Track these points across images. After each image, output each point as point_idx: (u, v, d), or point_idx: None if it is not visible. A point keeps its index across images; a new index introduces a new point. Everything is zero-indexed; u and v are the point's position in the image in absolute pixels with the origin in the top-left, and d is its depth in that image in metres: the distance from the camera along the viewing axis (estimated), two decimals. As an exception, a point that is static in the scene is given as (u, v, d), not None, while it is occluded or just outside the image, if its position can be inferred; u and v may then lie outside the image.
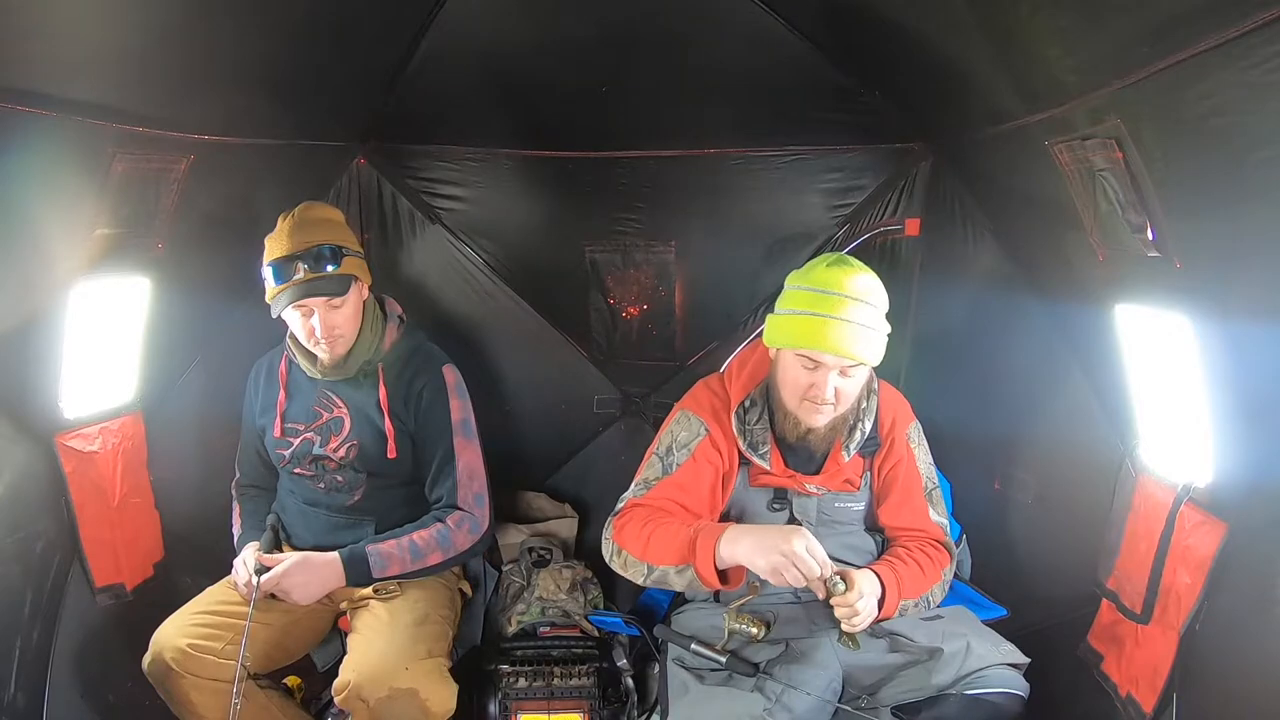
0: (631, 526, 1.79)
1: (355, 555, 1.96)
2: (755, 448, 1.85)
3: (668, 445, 1.91)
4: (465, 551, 2.05)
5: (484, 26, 2.15)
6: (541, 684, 2.24)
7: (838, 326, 1.67)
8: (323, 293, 1.92)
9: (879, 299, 1.74)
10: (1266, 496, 1.35)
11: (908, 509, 1.90)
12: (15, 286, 1.66)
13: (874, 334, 1.71)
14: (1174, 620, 1.53)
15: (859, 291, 1.70)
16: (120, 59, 1.52)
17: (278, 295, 1.94)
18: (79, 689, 1.94)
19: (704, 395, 1.95)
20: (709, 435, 1.87)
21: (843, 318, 1.68)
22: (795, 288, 1.77)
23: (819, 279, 1.73)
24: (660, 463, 1.89)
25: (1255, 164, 1.09)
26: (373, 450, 2.05)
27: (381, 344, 2.08)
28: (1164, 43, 1.10)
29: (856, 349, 1.68)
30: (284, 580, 1.90)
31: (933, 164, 2.49)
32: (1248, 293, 1.26)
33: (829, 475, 1.86)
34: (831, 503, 1.88)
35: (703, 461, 1.86)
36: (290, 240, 1.93)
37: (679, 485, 1.84)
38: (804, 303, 1.73)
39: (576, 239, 2.72)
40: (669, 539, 1.71)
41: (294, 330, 2.02)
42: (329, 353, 2.01)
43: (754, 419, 1.86)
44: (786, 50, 2.14)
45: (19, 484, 1.80)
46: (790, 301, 1.77)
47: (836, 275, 1.72)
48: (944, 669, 1.63)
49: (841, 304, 1.68)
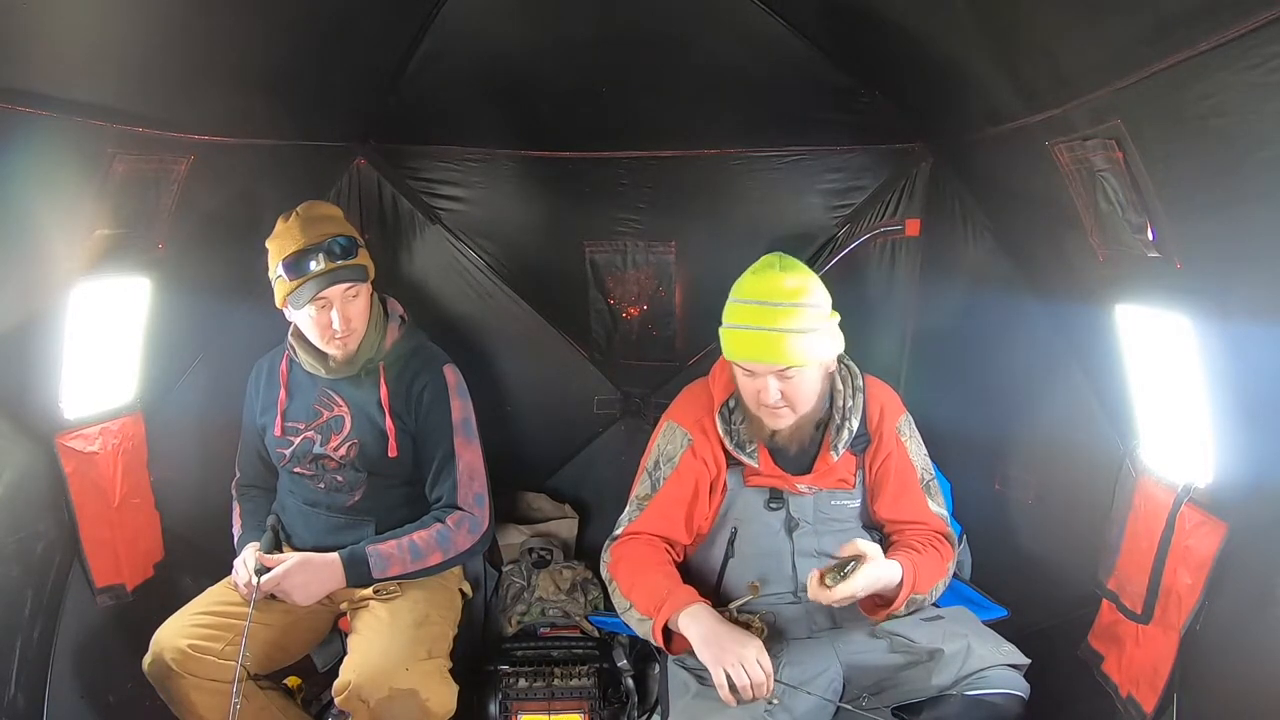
0: (625, 565, 1.84)
1: (355, 556, 1.96)
2: (742, 447, 1.86)
3: (655, 459, 1.92)
4: (465, 552, 2.05)
5: (484, 26, 2.15)
6: (542, 684, 2.24)
7: (761, 338, 1.71)
8: (346, 279, 1.94)
9: (809, 297, 1.74)
10: (1267, 497, 1.35)
11: (905, 501, 1.90)
12: (15, 287, 1.66)
13: (802, 336, 1.71)
14: (1174, 620, 1.53)
15: (783, 295, 1.72)
16: (120, 59, 1.52)
17: (297, 290, 1.93)
18: (79, 689, 1.94)
19: (687, 402, 1.96)
20: (692, 445, 1.88)
21: (765, 328, 1.70)
22: (731, 301, 1.80)
23: (745, 289, 1.78)
24: (649, 479, 1.92)
25: (1255, 164, 1.09)
26: (373, 449, 2.05)
27: (383, 343, 2.08)
28: (1164, 43, 1.10)
29: (783, 356, 1.70)
30: (284, 581, 1.90)
31: (933, 164, 2.49)
32: (1248, 293, 1.26)
33: (820, 474, 1.87)
34: (828, 500, 1.88)
35: (686, 475, 1.87)
36: (303, 235, 1.93)
37: (667, 504, 1.87)
38: (734, 315, 1.77)
39: (576, 239, 2.72)
40: (649, 589, 1.76)
41: (305, 329, 2.01)
42: (343, 348, 2.01)
43: (739, 419, 1.87)
44: (786, 50, 2.14)
45: (19, 484, 1.80)
46: (727, 314, 1.80)
47: (761, 283, 1.76)
48: (944, 670, 1.63)
49: (764, 314, 1.71)
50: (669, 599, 1.71)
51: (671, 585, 1.76)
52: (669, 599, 1.71)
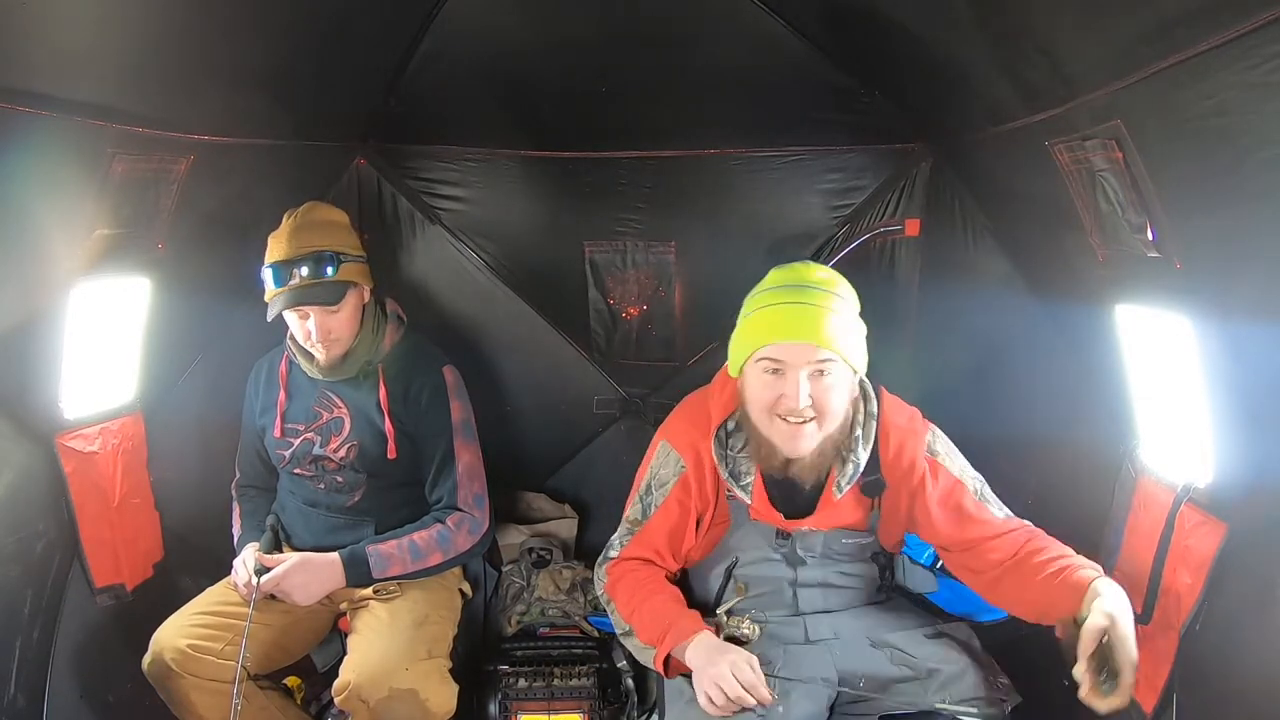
0: (624, 588, 1.75)
1: (355, 556, 1.96)
2: (737, 478, 1.67)
3: (648, 483, 1.80)
4: (465, 552, 2.05)
5: (484, 26, 2.15)
6: (541, 684, 2.24)
7: (798, 314, 1.50)
8: (316, 301, 1.93)
9: (847, 291, 1.60)
10: (1267, 497, 1.35)
11: (970, 525, 1.68)
12: (15, 287, 1.66)
13: (846, 325, 1.54)
14: (1174, 620, 1.53)
15: (821, 280, 1.56)
16: (120, 59, 1.52)
17: (274, 299, 1.96)
18: (79, 689, 1.95)
19: (684, 419, 1.80)
20: (683, 475, 1.72)
21: (806, 302, 1.52)
22: (755, 293, 1.64)
23: (773, 278, 1.62)
24: (640, 504, 1.80)
25: (1256, 164, 1.09)
26: (373, 450, 2.05)
27: (381, 345, 2.08)
28: (1164, 43, 1.10)
29: (821, 335, 1.49)
30: (284, 581, 1.90)
31: (933, 164, 2.49)
32: (1248, 293, 1.26)
33: (823, 517, 1.69)
34: (839, 538, 1.75)
35: (674, 507, 1.74)
36: (289, 244, 1.94)
37: (654, 535, 1.76)
38: (758, 302, 1.59)
39: (576, 239, 2.72)
40: (652, 617, 1.68)
41: (293, 330, 2.02)
42: (325, 354, 2.02)
43: (738, 444, 1.69)
44: (787, 50, 2.14)
45: (19, 484, 1.80)
46: (746, 308, 1.63)
47: (792, 271, 1.60)
48: (938, 690, 1.61)
49: (800, 293, 1.53)
50: (671, 630, 1.64)
51: (674, 614, 1.67)
52: (671, 630, 1.64)
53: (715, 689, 1.51)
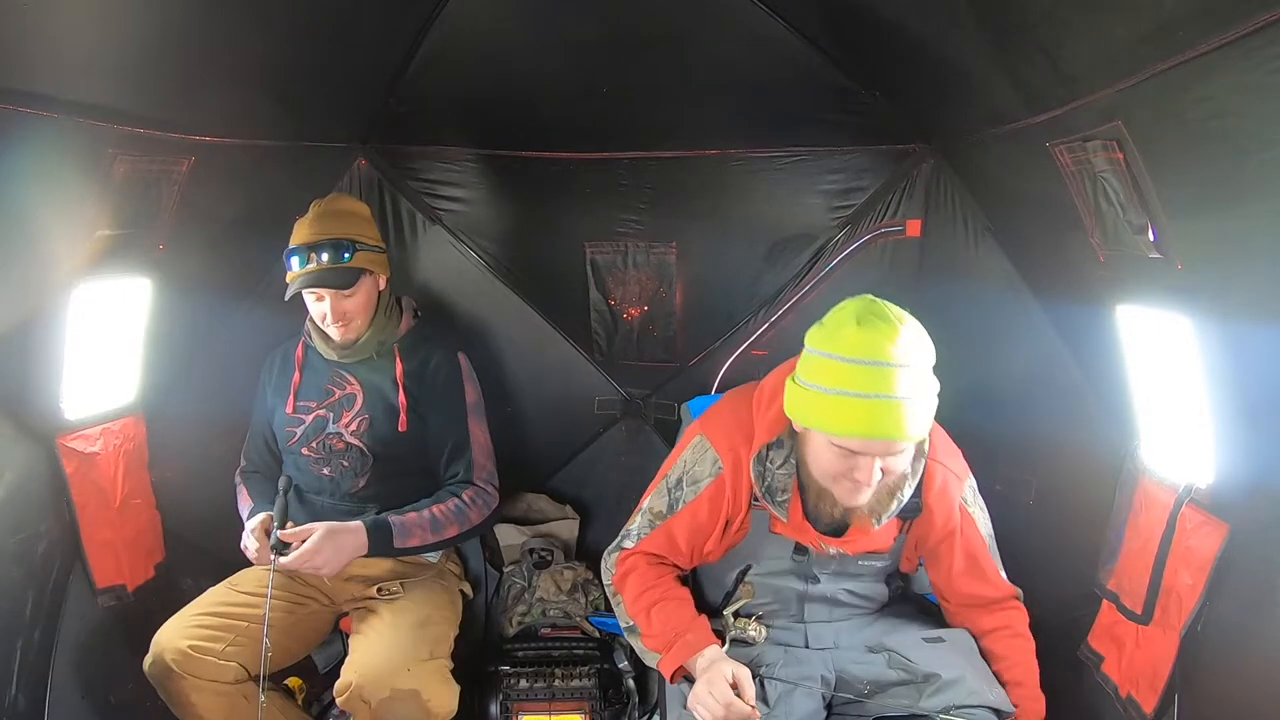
0: (633, 583, 1.75)
1: (379, 524, 1.98)
2: (773, 494, 1.63)
3: (678, 476, 1.75)
4: (478, 526, 2.11)
5: (485, 27, 2.15)
6: (543, 685, 2.24)
7: (878, 408, 1.40)
8: (331, 284, 2.01)
9: (923, 356, 1.47)
10: (1268, 497, 1.35)
11: (976, 578, 1.74)
12: (16, 287, 1.66)
13: (922, 405, 1.46)
14: (1175, 621, 1.53)
15: (900, 356, 1.42)
16: (121, 60, 1.52)
17: (293, 280, 2.04)
18: (80, 690, 1.94)
19: (728, 419, 1.73)
20: (720, 477, 1.68)
21: (884, 396, 1.40)
22: (820, 354, 1.48)
23: (848, 344, 1.44)
24: (667, 496, 1.75)
25: (1256, 165, 1.09)
26: (383, 425, 2.09)
27: (396, 329, 2.16)
28: (1164, 44, 1.10)
29: (901, 430, 1.43)
30: (315, 557, 1.87)
31: (933, 165, 2.49)
32: (1249, 294, 1.26)
33: (853, 540, 1.67)
34: (857, 559, 1.74)
35: (705, 507, 1.70)
36: (311, 230, 2.04)
37: (680, 531, 1.74)
38: (833, 378, 1.44)
39: (577, 240, 2.72)
40: (663, 622, 1.70)
41: (310, 310, 2.10)
42: (340, 335, 2.09)
43: (778, 461, 1.64)
44: (787, 51, 2.14)
45: (20, 485, 1.80)
46: (816, 373, 1.48)
47: (870, 339, 1.43)
48: (935, 695, 1.62)
49: (881, 378, 1.41)
50: (679, 641, 1.66)
51: (683, 624, 1.68)
52: (679, 641, 1.66)
53: (700, 709, 1.57)
